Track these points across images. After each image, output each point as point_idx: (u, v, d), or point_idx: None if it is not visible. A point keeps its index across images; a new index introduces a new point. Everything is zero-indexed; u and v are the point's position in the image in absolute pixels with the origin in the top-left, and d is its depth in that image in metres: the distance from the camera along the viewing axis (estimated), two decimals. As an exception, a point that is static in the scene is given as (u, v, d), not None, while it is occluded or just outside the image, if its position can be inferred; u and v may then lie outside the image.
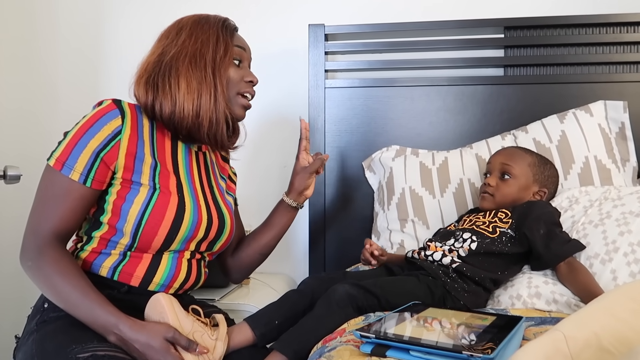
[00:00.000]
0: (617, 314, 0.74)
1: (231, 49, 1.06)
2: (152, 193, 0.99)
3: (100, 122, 0.96)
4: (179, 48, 1.02)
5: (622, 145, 1.43)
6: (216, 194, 1.14)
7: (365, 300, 0.98)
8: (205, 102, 1.01)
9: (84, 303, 0.90)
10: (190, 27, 1.05)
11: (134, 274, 1.00)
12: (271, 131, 1.88)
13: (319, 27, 1.67)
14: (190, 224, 1.02)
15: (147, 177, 1.00)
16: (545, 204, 1.19)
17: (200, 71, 1.01)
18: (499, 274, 1.10)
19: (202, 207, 1.06)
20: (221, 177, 1.21)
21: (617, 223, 1.10)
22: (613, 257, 1.05)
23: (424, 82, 1.65)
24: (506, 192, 1.22)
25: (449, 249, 1.14)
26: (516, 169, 1.22)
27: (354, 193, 1.69)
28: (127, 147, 0.98)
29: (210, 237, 1.09)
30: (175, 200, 1.01)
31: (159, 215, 0.98)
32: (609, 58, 1.57)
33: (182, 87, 1.00)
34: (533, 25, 1.60)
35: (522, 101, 1.60)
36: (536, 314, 1.02)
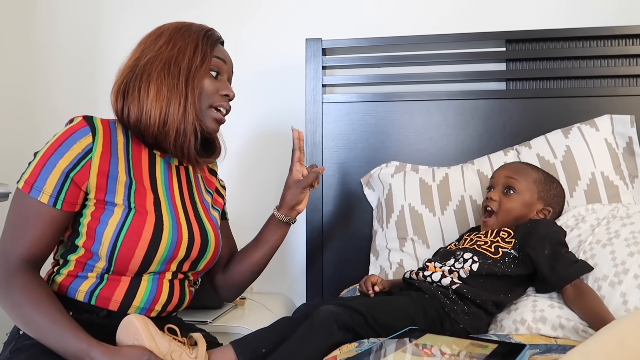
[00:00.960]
0: (627, 345, 0.68)
1: (209, 59, 1.01)
2: (127, 213, 0.95)
3: (69, 141, 0.92)
4: (155, 54, 0.99)
5: (629, 160, 1.38)
6: (199, 210, 1.09)
7: (350, 318, 0.92)
8: (174, 111, 0.96)
9: (54, 331, 0.86)
10: (170, 34, 1.01)
11: (112, 298, 0.95)
12: (267, 146, 1.85)
13: (316, 41, 1.64)
14: (169, 243, 0.98)
15: (122, 197, 0.95)
16: (551, 223, 1.13)
17: (173, 79, 0.97)
18: (502, 297, 1.05)
19: (182, 226, 1.01)
20: (207, 192, 1.16)
21: (627, 243, 1.05)
22: (623, 280, 0.99)
23: (424, 97, 1.62)
24: (509, 207, 1.17)
25: (449, 269, 1.09)
26: (521, 183, 1.18)
27: (352, 210, 1.64)
28: (99, 166, 0.93)
29: (193, 256, 1.03)
30: (152, 219, 0.96)
31: (134, 237, 0.93)
32: (614, 71, 1.52)
33: (151, 94, 0.96)
34: (535, 38, 1.56)
35: (525, 115, 1.56)
36: (541, 340, 0.96)
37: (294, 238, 1.82)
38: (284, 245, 1.83)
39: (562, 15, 1.67)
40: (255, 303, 1.64)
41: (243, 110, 1.85)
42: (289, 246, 1.83)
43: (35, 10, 1.97)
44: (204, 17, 1.83)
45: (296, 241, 1.81)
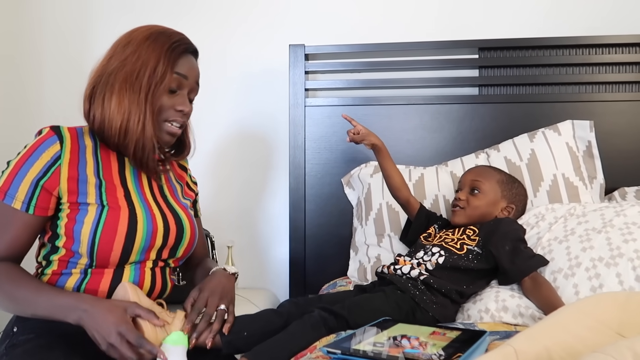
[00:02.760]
0: (569, 328, 0.77)
1: (168, 78, 1.03)
2: (101, 210, 1.00)
3: (38, 151, 0.98)
4: (120, 64, 1.02)
5: (589, 163, 1.48)
6: (170, 200, 1.14)
7: (335, 322, 1.02)
8: (133, 124, 1.01)
9: (40, 297, 0.93)
10: (138, 43, 1.03)
11: (98, 289, 1.01)
12: (252, 148, 1.92)
13: (300, 47, 1.71)
14: (145, 233, 1.03)
15: (94, 197, 1.01)
16: (511, 222, 1.24)
17: (134, 93, 1.00)
18: (465, 288, 1.14)
19: (155, 215, 1.06)
20: (177, 182, 1.22)
21: (580, 239, 1.15)
22: (575, 272, 1.09)
23: (401, 101, 1.70)
24: (475, 205, 1.27)
25: (418, 262, 1.19)
26: (485, 184, 1.28)
27: (333, 209, 1.73)
28: (68, 172, 0.99)
29: (170, 243, 1.09)
30: (125, 212, 1.02)
31: (111, 231, 0.99)
32: (578, 78, 1.63)
33: (113, 104, 1.00)
34: (506, 46, 1.66)
35: (496, 120, 1.66)
36: (503, 327, 1.05)
37: (277, 235, 1.90)
38: (268, 243, 1.92)
39: (531, 25, 1.77)
40: (240, 297, 1.71)
41: (228, 113, 1.92)
42: (273, 243, 1.91)
43: (24, 9, 2.00)
44: (194, 23, 1.91)
45: (280, 238, 1.89)
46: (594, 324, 0.81)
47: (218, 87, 1.91)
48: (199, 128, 1.67)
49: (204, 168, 1.91)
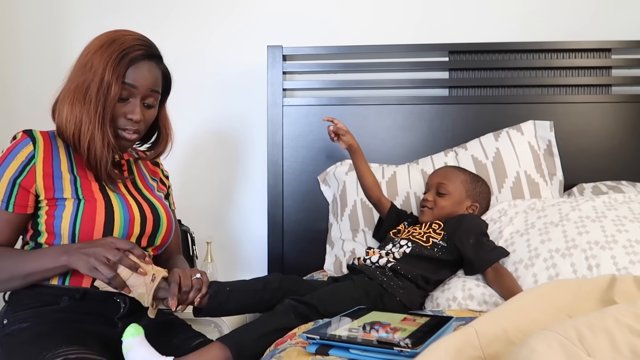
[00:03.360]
0: (526, 312, 0.85)
1: (115, 88, 1.05)
2: (77, 204, 1.05)
3: (13, 153, 1.04)
4: (76, 73, 1.08)
5: (549, 160, 1.58)
6: (144, 192, 1.20)
7: (305, 309, 1.08)
8: (83, 134, 1.05)
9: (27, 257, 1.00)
10: (92, 52, 1.07)
11: (83, 275, 1.05)
12: (230, 146, 1.96)
13: (277, 48, 1.76)
14: (123, 221, 1.08)
15: (70, 192, 1.06)
16: (474, 217, 1.33)
17: (86, 104, 1.05)
18: (429, 274, 1.23)
19: (131, 205, 1.12)
20: (152, 179, 1.27)
21: (540, 232, 1.24)
22: (535, 263, 1.18)
23: (375, 101, 1.77)
24: (442, 206, 1.36)
25: (386, 252, 1.27)
26: (450, 186, 1.37)
27: (310, 205, 1.79)
28: (43, 169, 1.05)
29: (148, 231, 1.14)
30: (102, 204, 1.07)
31: (89, 223, 1.04)
32: (541, 81, 1.73)
33: (66, 112, 1.05)
34: (475, 50, 1.75)
35: (465, 119, 1.74)
36: (468, 314, 1.13)
37: (256, 231, 1.95)
38: (247, 238, 1.97)
39: (498, 31, 1.86)
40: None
41: (207, 112, 1.96)
42: (252, 238, 1.96)
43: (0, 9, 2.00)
44: (173, 24, 1.94)
45: (259, 233, 1.94)
46: (548, 308, 0.89)
47: (197, 86, 1.95)
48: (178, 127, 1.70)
49: (183, 166, 1.94)
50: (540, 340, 0.64)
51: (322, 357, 0.85)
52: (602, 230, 1.18)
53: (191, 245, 1.73)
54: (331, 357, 0.84)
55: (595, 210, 1.25)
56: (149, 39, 1.14)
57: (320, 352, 0.86)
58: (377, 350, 0.81)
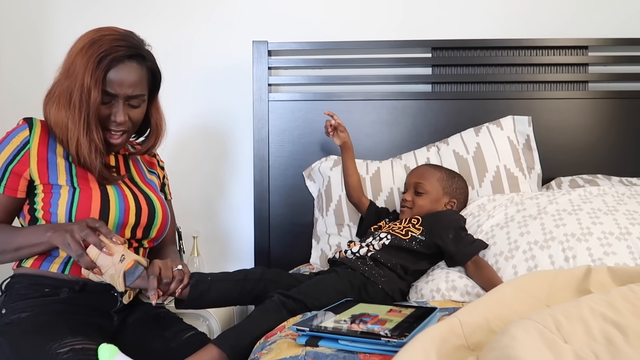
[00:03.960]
0: (506, 302, 0.89)
1: (95, 94, 1.04)
2: (73, 192, 1.07)
3: (9, 138, 1.08)
4: (60, 76, 1.09)
5: (528, 155, 1.63)
6: (141, 185, 1.21)
7: (294, 305, 1.10)
8: (72, 139, 1.06)
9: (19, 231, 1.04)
10: (75, 55, 1.07)
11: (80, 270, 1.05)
12: (217, 142, 1.97)
13: (263, 43, 1.77)
14: (118, 210, 1.10)
15: (64, 178, 1.08)
16: (452, 212, 1.38)
17: (71, 109, 1.05)
18: (408, 264, 1.27)
19: (127, 195, 1.14)
20: (150, 172, 1.29)
21: (519, 225, 1.28)
22: (514, 255, 1.23)
23: (360, 97, 1.80)
24: (421, 205, 1.41)
25: (367, 244, 1.32)
26: (427, 185, 1.42)
27: (296, 200, 1.81)
28: (38, 154, 1.07)
29: (143, 222, 1.15)
30: (97, 192, 1.09)
31: (85, 210, 1.06)
32: (520, 78, 1.77)
33: (53, 115, 1.07)
34: (457, 46, 1.78)
35: (447, 115, 1.78)
36: (451, 305, 1.17)
37: (243, 225, 1.96)
38: (233, 233, 1.98)
39: (480, 27, 1.90)
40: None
41: (193, 107, 1.96)
42: (239, 232, 1.98)
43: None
44: (157, 19, 1.92)
45: (245, 228, 1.96)
46: (527, 298, 0.93)
47: (183, 81, 1.94)
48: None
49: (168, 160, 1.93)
50: (519, 328, 0.68)
51: (312, 348, 0.88)
52: (578, 223, 1.23)
53: (178, 240, 1.73)
54: (321, 348, 0.87)
55: (571, 203, 1.30)
56: (132, 36, 1.12)
57: (310, 344, 0.89)
58: (365, 341, 0.84)
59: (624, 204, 1.29)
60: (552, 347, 0.65)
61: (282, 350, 0.90)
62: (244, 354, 0.99)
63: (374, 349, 0.83)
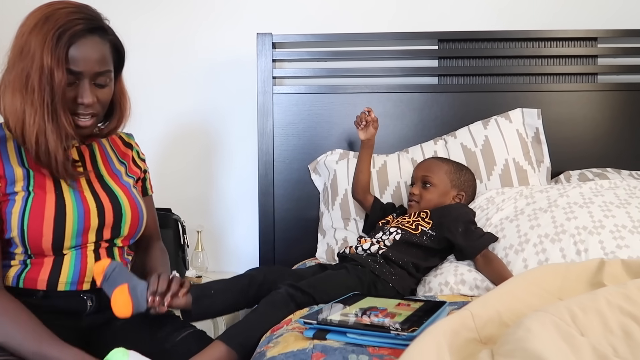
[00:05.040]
0: (517, 295, 0.88)
1: (58, 75, 0.93)
2: (27, 197, 0.98)
3: None
4: (13, 58, 0.95)
5: (537, 148, 1.61)
6: (107, 180, 1.10)
7: (302, 298, 1.08)
8: (29, 126, 0.94)
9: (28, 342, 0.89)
10: (28, 33, 0.94)
11: (38, 278, 0.99)
12: (220, 135, 1.95)
13: (267, 35, 1.75)
14: (76, 216, 1.01)
15: (21, 185, 0.98)
16: (461, 206, 1.36)
17: (28, 93, 0.93)
18: (419, 262, 1.25)
19: (86, 197, 1.03)
20: (120, 162, 1.17)
21: (529, 218, 1.26)
22: (525, 248, 1.21)
23: (365, 90, 1.78)
24: (429, 199, 1.38)
25: (377, 240, 1.29)
26: (435, 178, 1.39)
27: (301, 194, 1.79)
28: None
29: (109, 222, 1.05)
30: (52, 197, 0.99)
31: (38, 217, 0.97)
32: (528, 70, 1.75)
33: (8, 103, 0.95)
34: (464, 38, 1.75)
35: (454, 108, 1.76)
36: (460, 299, 1.15)
37: (247, 220, 1.95)
38: (238, 227, 1.97)
39: (488, 19, 1.87)
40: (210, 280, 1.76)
41: (196, 100, 1.94)
42: (243, 227, 1.96)
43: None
44: (159, 10, 1.90)
45: (249, 222, 1.94)
46: (538, 291, 0.91)
47: (185, 75, 1.93)
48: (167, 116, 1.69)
49: (172, 154, 1.93)
50: (535, 320, 0.66)
51: (320, 341, 0.86)
52: (589, 216, 1.21)
53: (182, 235, 1.72)
54: (329, 342, 0.85)
55: (582, 196, 1.28)
56: (88, 8, 1.00)
57: (317, 337, 0.87)
58: (374, 334, 0.83)
59: (636, 197, 1.27)
60: (568, 340, 0.63)
61: (289, 343, 0.89)
62: (252, 350, 0.97)
63: (383, 342, 0.82)
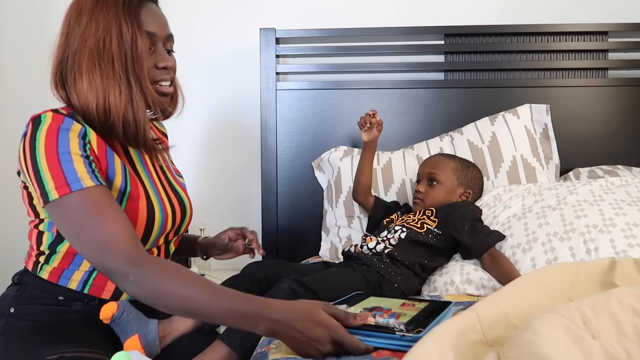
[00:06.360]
0: (525, 295, 0.84)
1: (140, 39, 0.90)
2: (120, 199, 0.93)
3: (62, 131, 0.86)
4: (80, 41, 0.90)
5: (545, 144, 1.57)
6: (170, 179, 1.09)
7: (305, 295, 1.05)
8: (115, 101, 0.89)
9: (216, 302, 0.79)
10: (90, 11, 0.90)
11: (105, 287, 0.97)
12: (224, 132, 1.93)
13: (270, 30, 1.72)
14: (160, 223, 0.98)
15: (120, 178, 0.93)
16: (467, 203, 1.32)
17: (107, 66, 0.89)
18: (426, 262, 1.22)
19: (164, 202, 1.01)
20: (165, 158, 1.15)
21: (537, 216, 1.23)
22: (533, 247, 1.17)
23: (370, 85, 1.75)
24: (435, 197, 1.35)
25: (382, 239, 1.26)
26: (441, 175, 1.35)
27: (304, 191, 1.76)
28: (98, 149, 0.91)
29: (176, 225, 1.05)
30: (144, 204, 0.95)
31: (132, 222, 0.90)
32: (537, 65, 1.71)
33: (84, 85, 0.89)
34: (471, 33, 1.72)
35: (461, 104, 1.72)
36: (466, 299, 1.12)
37: (250, 217, 1.93)
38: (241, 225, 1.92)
39: (494, 13, 1.84)
40: (213, 279, 1.73)
41: (198, 96, 1.92)
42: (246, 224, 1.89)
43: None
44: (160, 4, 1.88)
45: (252, 220, 1.92)
46: (547, 291, 0.88)
47: (187, 69, 1.89)
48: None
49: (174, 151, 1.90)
50: (544, 322, 0.63)
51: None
52: (600, 214, 1.17)
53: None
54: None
55: (592, 193, 1.24)
56: None
57: None
58: (379, 335, 0.80)
59: (648, 194, 1.23)
60: (579, 343, 0.60)
61: (289, 344, 0.86)
62: (253, 349, 0.94)
63: (388, 343, 0.79)
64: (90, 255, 0.84)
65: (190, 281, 0.80)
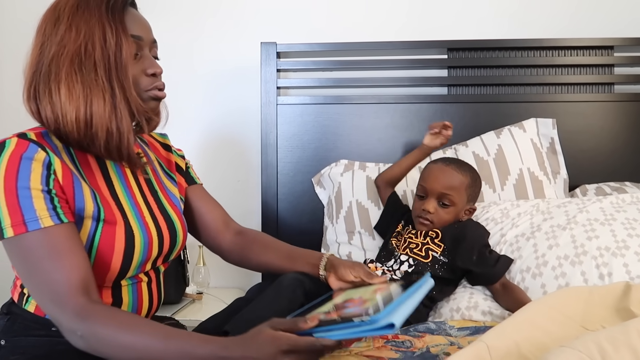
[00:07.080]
0: (537, 323, 0.80)
1: (126, 43, 0.86)
2: (95, 226, 0.86)
3: (24, 160, 0.80)
4: (58, 47, 0.84)
5: (552, 159, 1.54)
6: (162, 199, 1.00)
7: (311, 284, 0.97)
8: (98, 110, 0.83)
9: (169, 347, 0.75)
10: (70, 16, 0.85)
11: None
12: (224, 147, 1.90)
13: (271, 45, 1.70)
14: (142, 249, 0.91)
15: (91, 207, 0.86)
16: (476, 227, 1.25)
17: (89, 74, 0.83)
18: (433, 293, 1.16)
19: (149, 226, 0.94)
20: (166, 174, 1.07)
21: (547, 236, 1.18)
22: (543, 272, 1.13)
23: (372, 100, 1.72)
24: (446, 219, 1.24)
25: (388, 269, 1.20)
26: (456, 197, 1.23)
27: (305, 207, 1.73)
28: (63, 179, 0.84)
29: (165, 251, 0.97)
30: (122, 227, 0.88)
31: (108, 249, 0.86)
32: (542, 79, 1.68)
33: (62, 95, 0.83)
34: (474, 47, 1.69)
35: (464, 119, 1.69)
36: (472, 324, 1.08)
37: (249, 234, 1.88)
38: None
39: (498, 27, 1.81)
40: (212, 297, 1.70)
41: (198, 110, 1.89)
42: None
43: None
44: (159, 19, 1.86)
45: (252, 237, 1.88)
46: (560, 318, 0.84)
47: (187, 84, 1.88)
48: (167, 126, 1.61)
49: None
50: (560, 359, 0.59)
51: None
52: (612, 235, 1.13)
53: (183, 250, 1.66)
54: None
55: (603, 212, 1.20)
56: None
57: None
58: (337, 328, 0.73)
59: (660, 213, 1.19)
60: (599, 382, 0.56)
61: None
62: None
63: (349, 332, 0.72)
64: (40, 303, 0.82)
65: (144, 330, 0.77)
